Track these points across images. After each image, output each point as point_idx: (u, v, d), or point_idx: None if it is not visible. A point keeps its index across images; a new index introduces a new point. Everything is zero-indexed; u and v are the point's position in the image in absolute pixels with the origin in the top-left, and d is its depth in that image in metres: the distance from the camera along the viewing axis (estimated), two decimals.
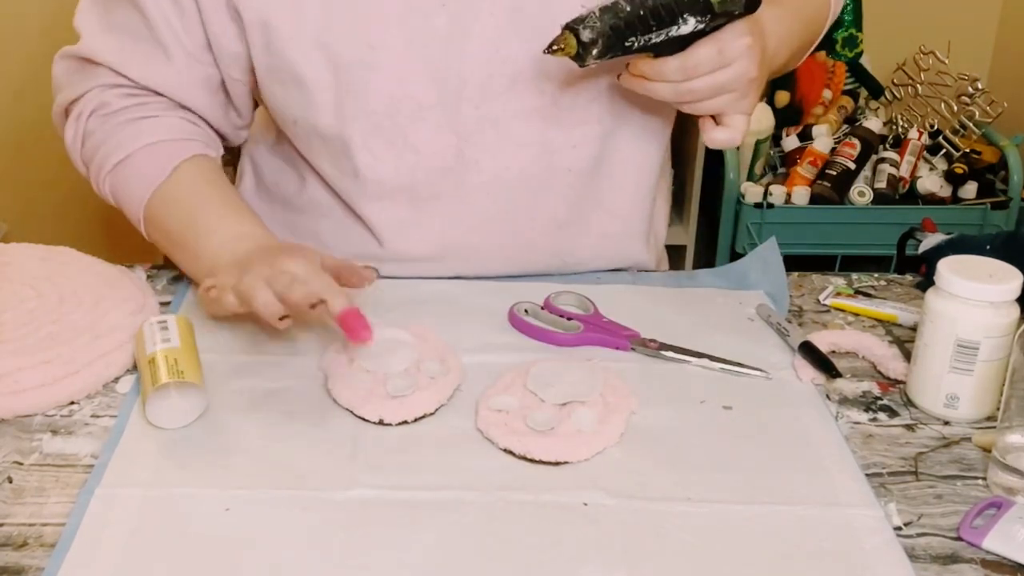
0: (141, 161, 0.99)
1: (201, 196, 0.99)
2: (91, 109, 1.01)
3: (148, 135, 0.99)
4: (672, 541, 0.72)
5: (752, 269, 1.08)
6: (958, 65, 2.41)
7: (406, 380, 0.86)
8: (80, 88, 1.02)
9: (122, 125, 1.00)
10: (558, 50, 0.87)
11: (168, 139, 0.99)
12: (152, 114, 1.00)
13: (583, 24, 0.86)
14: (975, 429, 0.86)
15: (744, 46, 0.89)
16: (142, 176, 0.99)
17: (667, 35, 0.87)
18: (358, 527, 0.73)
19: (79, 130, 1.02)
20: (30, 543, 0.71)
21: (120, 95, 1.00)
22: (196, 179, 0.99)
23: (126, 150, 0.99)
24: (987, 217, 2.26)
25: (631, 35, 0.87)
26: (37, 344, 0.88)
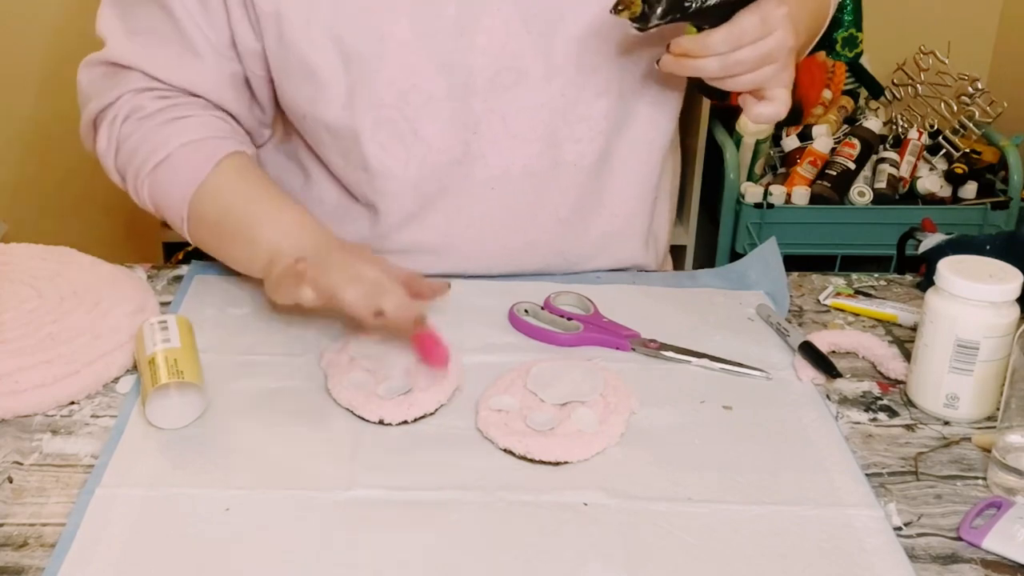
0: (181, 160, 0.98)
1: (250, 187, 0.98)
2: (125, 114, 1.00)
3: (186, 134, 0.98)
4: (672, 541, 0.72)
5: (752, 269, 1.08)
6: (958, 65, 2.41)
7: (406, 380, 0.86)
8: (111, 95, 1.01)
9: (159, 127, 0.99)
10: (623, 10, 0.86)
11: (207, 136, 0.99)
12: (188, 114, 0.99)
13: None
14: (975, 429, 0.86)
15: (783, 15, 0.88)
16: (184, 174, 0.98)
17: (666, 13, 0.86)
18: (358, 527, 0.73)
19: (112, 137, 1.01)
20: (30, 543, 0.71)
21: (154, 98, 1.00)
22: (241, 173, 0.99)
23: (166, 150, 0.98)
24: (987, 217, 2.26)
25: None
26: (37, 344, 0.88)
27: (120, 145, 1.00)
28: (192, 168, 0.97)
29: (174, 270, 1.08)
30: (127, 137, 1.00)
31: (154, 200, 1.00)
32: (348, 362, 0.87)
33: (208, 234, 0.99)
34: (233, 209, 0.97)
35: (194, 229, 0.99)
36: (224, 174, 0.97)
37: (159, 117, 0.99)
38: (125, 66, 1.00)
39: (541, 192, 1.03)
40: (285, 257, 0.89)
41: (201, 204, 0.97)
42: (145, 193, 1.00)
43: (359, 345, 0.89)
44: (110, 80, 1.01)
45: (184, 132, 0.98)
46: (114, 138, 1.00)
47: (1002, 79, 2.56)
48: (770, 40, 0.88)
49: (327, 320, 0.97)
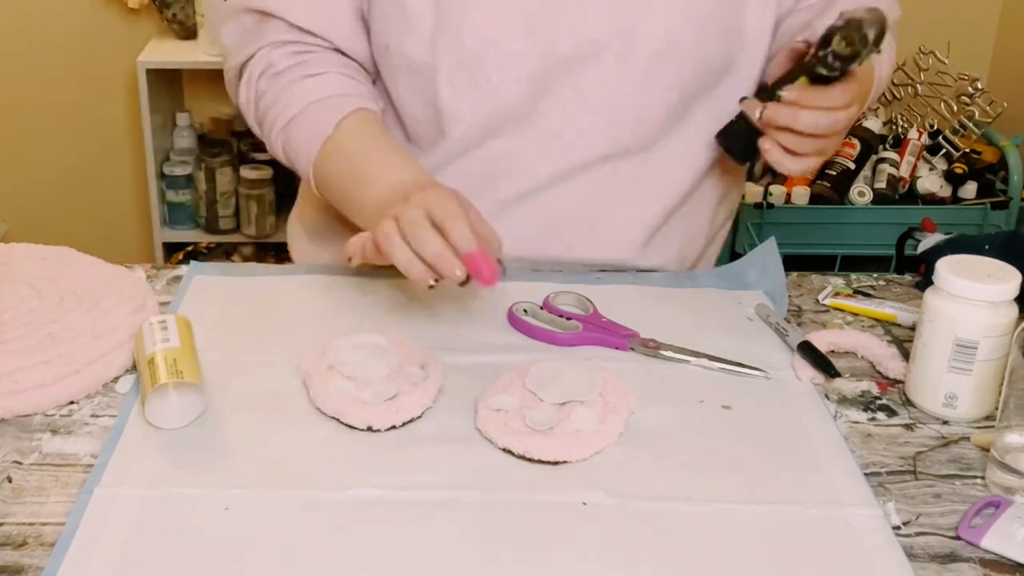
0: (308, 119, 1.03)
1: (365, 147, 1.02)
2: (260, 71, 1.05)
3: (313, 93, 1.03)
4: (671, 541, 0.73)
5: (751, 269, 1.08)
6: (958, 65, 2.42)
7: (388, 386, 0.85)
8: (249, 49, 1.06)
9: (289, 84, 1.04)
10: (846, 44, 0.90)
11: (332, 95, 1.03)
12: (316, 71, 1.03)
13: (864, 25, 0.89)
14: (974, 428, 0.86)
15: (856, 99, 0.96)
16: (309, 133, 1.02)
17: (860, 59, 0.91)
18: (358, 527, 0.73)
19: (251, 93, 1.06)
20: (30, 543, 0.71)
21: (285, 54, 1.04)
22: (360, 132, 1.02)
23: (295, 108, 1.03)
24: (987, 217, 2.26)
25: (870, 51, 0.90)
26: (37, 344, 0.88)
27: (258, 101, 1.06)
28: (316, 128, 1.02)
29: (174, 270, 1.08)
30: (263, 94, 1.05)
31: (287, 155, 1.06)
32: (327, 370, 0.87)
33: (333, 195, 1.04)
34: (348, 171, 1.01)
35: (321, 190, 1.05)
36: (343, 134, 1.02)
37: (289, 75, 1.04)
38: (262, 11, 1.05)
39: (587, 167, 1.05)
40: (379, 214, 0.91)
41: (323, 165, 1.02)
42: (279, 148, 1.06)
43: (337, 352, 0.89)
44: (247, 36, 1.07)
45: (311, 91, 1.03)
46: (252, 94, 1.06)
47: (1002, 79, 2.56)
48: (850, 111, 0.95)
49: (328, 320, 0.97)
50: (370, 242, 0.90)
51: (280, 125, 1.04)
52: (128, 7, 2.56)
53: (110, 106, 2.69)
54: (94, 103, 2.68)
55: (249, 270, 1.10)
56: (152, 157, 2.50)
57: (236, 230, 2.69)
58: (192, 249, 2.74)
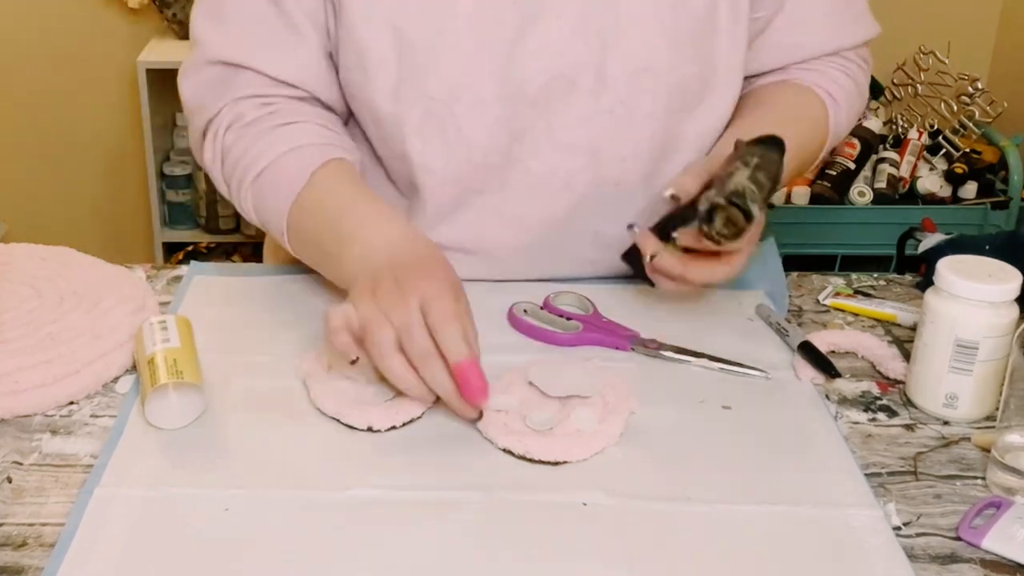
0: (280, 169, 0.96)
1: (343, 200, 0.95)
2: (227, 124, 0.99)
3: (285, 142, 0.96)
4: (672, 541, 0.72)
5: (751, 269, 1.07)
6: (958, 65, 2.42)
7: (389, 386, 0.85)
8: (216, 104, 0.99)
9: (260, 135, 0.97)
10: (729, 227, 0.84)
11: (306, 144, 0.97)
12: (288, 120, 0.98)
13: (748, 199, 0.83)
14: (974, 429, 0.86)
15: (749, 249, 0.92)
16: (282, 185, 0.96)
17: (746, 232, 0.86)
18: (358, 527, 0.73)
19: (217, 149, 1.00)
20: (29, 543, 0.71)
21: (254, 105, 0.98)
22: (337, 183, 0.96)
23: (266, 159, 0.96)
24: (987, 217, 2.26)
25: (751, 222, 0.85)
26: (37, 344, 0.88)
27: (224, 156, 0.99)
28: (289, 179, 0.96)
29: (174, 270, 1.08)
30: (229, 149, 0.99)
31: (258, 212, 0.99)
32: (327, 371, 0.87)
33: (308, 250, 0.98)
34: (326, 224, 0.94)
35: (295, 245, 0.98)
36: (319, 185, 0.95)
37: (259, 125, 0.98)
38: (225, 63, 0.98)
39: (579, 205, 1.02)
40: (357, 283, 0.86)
41: (298, 217, 0.96)
42: (249, 205, 0.99)
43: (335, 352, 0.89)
44: (215, 89, 1.00)
45: (283, 140, 0.97)
46: (218, 150, 1.00)
47: (1002, 79, 2.56)
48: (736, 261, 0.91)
49: None
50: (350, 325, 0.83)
51: (250, 178, 0.97)
52: (128, 7, 2.56)
53: (110, 106, 2.69)
54: (94, 103, 2.68)
55: (249, 270, 1.10)
56: (152, 157, 2.51)
57: (236, 230, 2.69)
58: (192, 249, 2.74)
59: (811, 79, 1.08)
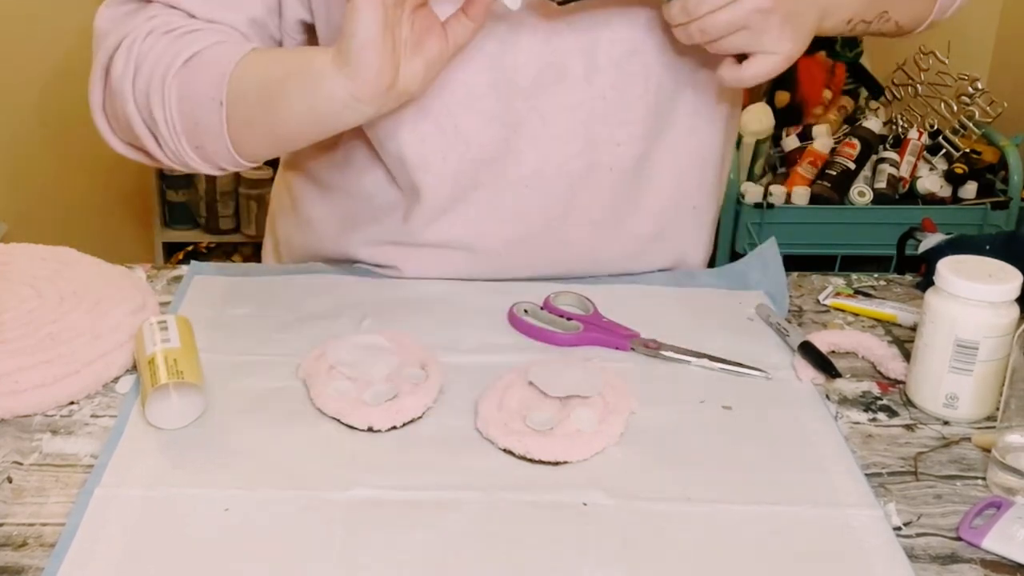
0: (212, 54, 0.90)
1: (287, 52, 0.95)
2: (146, 31, 0.92)
3: (216, 36, 0.92)
4: (672, 541, 0.72)
5: (752, 269, 1.08)
6: (958, 65, 2.42)
7: (389, 386, 0.85)
8: (129, 26, 0.93)
9: (184, 34, 0.92)
10: None
11: (237, 38, 0.94)
12: (213, 25, 0.94)
13: None
14: (975, 429, 0.86)
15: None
16: (217, 62, 0.90)
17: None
18: (358, 527, 0.73)
19: (131, 57, 0.91)
20: (30, 543, 0.71)
21: (180, 15, 0.94)
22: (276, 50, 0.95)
23: (194, 48, 0.90)
24: (987, 217, 2.26)
25: None
26: (37, 344, 0.88)
27: (140, 62, 0.91)
28: (224, 56, 0.90)
29: (174, 270, 1.08)
30: (149, 51, 0.91)
31: (182, 102, 0.90)
32: (327, 371, 0.87)
33: (255, 102, 0.89)
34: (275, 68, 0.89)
35: (233, 113, 0.89)
36: (260, 54, 0.91)
37: (184, 28, 0.92)
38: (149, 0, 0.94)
39: (576, 193, 1.02)
40: None
41: (240, 80, 0.89)
42: (173, 101, 0.90)
43: (336, 352, 0.89)
44: (131, 16, 0.95)
45: (212, 36, 0.92)
46: (132, 60, 0.91)
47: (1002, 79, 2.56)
48: (734, 8, 0.86)
49: (328, 320, 0.97)
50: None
51: (176, 66, 0.89)
52: None
53: None
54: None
55: (249, 270, 1.10)
56: None
57: (236, 230, 2.69)
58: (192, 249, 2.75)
59: None
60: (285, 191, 1.17)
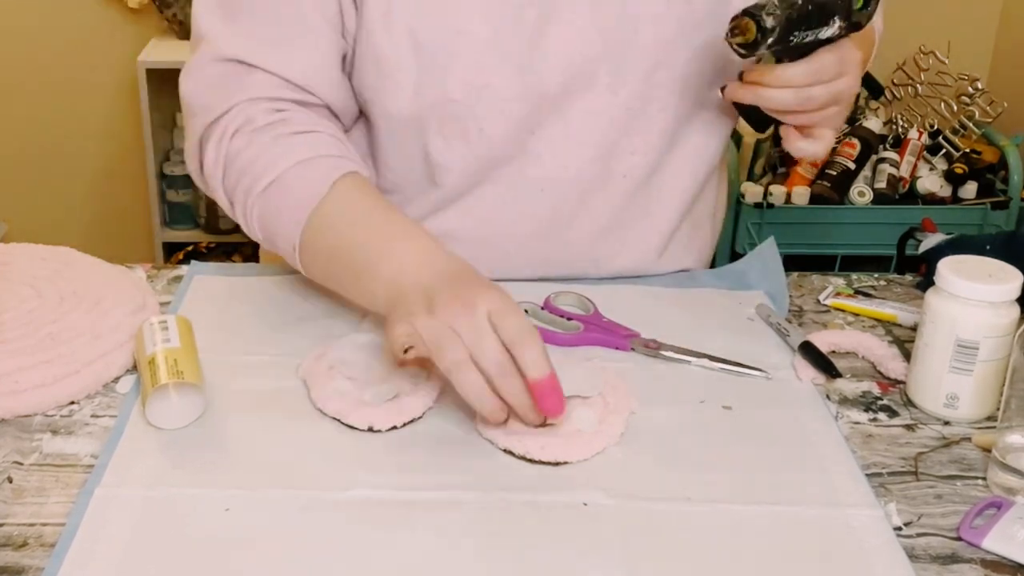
0: (295, 180, 0.90)
1: (368, 213, 0.90)
2: (235, 127, 0.92)
3: (301, 151, 0.91)
4: (672, 541, 0.72)
5: (752, 269, 1.08)
6: (958, 65, 2.42)
7: (390, 385, 0.85)
8: (221, 106, 0.93)
9: (272, 142, 0.91)
10: (739, 35, 0.87)
11: (323, 155, 0.91)
12: (302, 129, 0.92)
13: (764, 11, 0.85)
14: (975, 429, 0.86)
15: (857, 59, 0.92)
16: (297, 197, 0.90)
17: (816, 36, 0.89)
18: (358, 527, 0.73)
19: (220, 153, 0.93)
20: (30, 543, 0.71)
21: (266, 110, 0.93)
22: (359, 196, 0.91)
23: (277, 169, 0.90)
24: (987, 217, 2.26)
25: (798, 28, 0.87)
26: (37, 344, 0.88)
27: (229, 163, 0.93)
28: (306, 191, 0.90)
29: (174, 270, 1.08)
30: (236, 154, 0.92)
31: (264, 226, 0.93)
32: (327, 370, 0.87)
33: (325, 266, 0.91)
34: (352, 239, 0.88)
35: (308, 262, 0.92)
36: (339, 198, 0.90)
37: (272, 131, 0.92)
38: (236, 60, 0.93)
39: (587, 199, 1.03)
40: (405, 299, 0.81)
41: (315, 232, 0.89)
42: (255, 218, 0.92)
43: (337, 352, 0.88)
44: (220, 88, 0.94)
45: (299, 150, 0.91)
46: (222, 155, 0.93)
47: (1002, 79, 2.56)
48: (841, 82, 0.92)
49: (328, 320, 0.97)
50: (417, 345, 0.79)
51: (259, 188, 0.90)
52: (128, 7, 2.56)
53: (110, 106, 2.69)
54: (94, 103, 2.68)
55: (249, 270, 1.10)
56: (152, 157, 2.51)
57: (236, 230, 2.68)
58: (192, 249, 2.74)
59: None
60: None
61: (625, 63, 0.98)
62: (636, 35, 0.98)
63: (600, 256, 1.07)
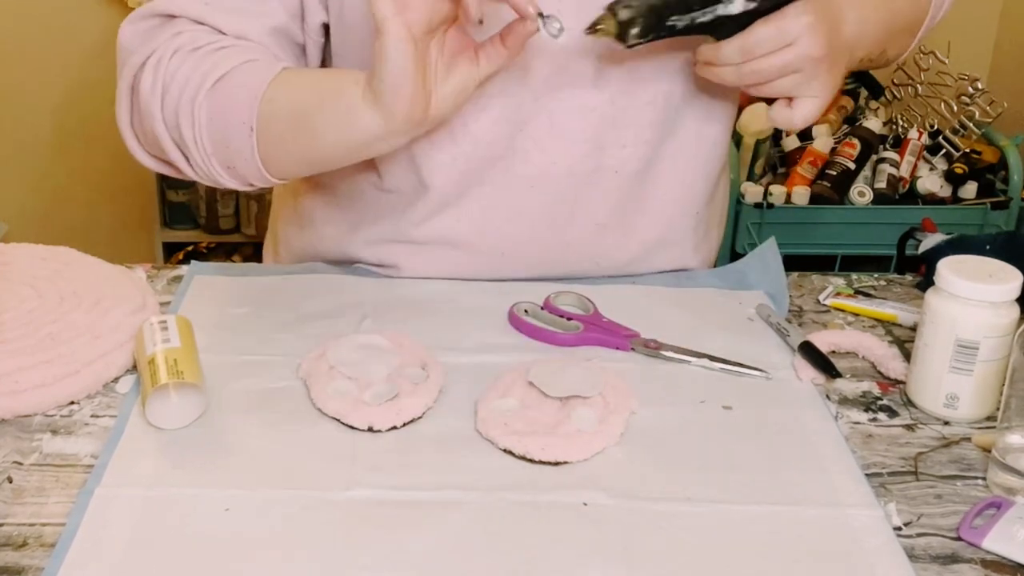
0: (243, 74, 0.90)
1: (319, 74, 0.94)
2: (173, 49, 0.91)
3: (242, 55, 0.91)
4: (672, 541, 0.72)
5: (752, 269, 1.08)
6: (958, 65, 2.42)
7: (389, 386, 0.85)
8: (155, 43, 0.93)
9: (212, 52, 0.91)
10: (600, 30, 0.87)
11: (265, 56, 0.93)
12: (240, 43, 0.93)
13: (620, 3, 0.86)
14: (975, 429, 0.86)
15: (805, 24, 0.88)
16: (249, 82, 0.89)
17: (715, 14, 0.87)
18: (358, 527, 0.73)
19: (159, 78, 0.91)
20: (30, 543, 0.71)
21: (202, 33, 0.93)
22: (307, 72, 0.95)
23: (227, 66, 0.89)
24: (987, 217, 2.26)
25: (672, 14, 0.87)
26: (37, 344, 0.88)
27: (168, 84, 0.91)
28: (255, 77, 0.89)
29: (174, 270, 1.08)
30: (176, 70, 0.91)
31: (212, 122, 0.90)
32: (328, 370, 0.87)
33: (285, 129, 0.89)
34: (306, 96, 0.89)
35: (265, 132, 0.89)
36: (290, 76, 0.90)
37: (211, 46, 0.92)
38: (173, 15, 0.94)
39: (581, 195, 1.03)
40: None
41: (271, 104, 0.88)
42: (203, 122, 0.90)
43: (337, 352, 0.89)
44: (155, 31, 0.95)
45: (242, 52, 0.92)
46: (160, 78, 0.91)
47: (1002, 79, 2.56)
48: (790, 51, 0.89)
49: (328, 320, 0.97)
50: None
51: (207, 86, 0.89)
52: (128, 7, 2.56)
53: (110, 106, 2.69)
54: (94, 103, 2.68)
55: (249, 270, 1.10)
56: None
57: (236, 230, 2.69)
58: (192, 249, 2.75)
59: None
60: (287, 188, 1.17)
61: (609, 54, 0.98)
62: None
63: (599, 253, 1.06)
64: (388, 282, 1.05)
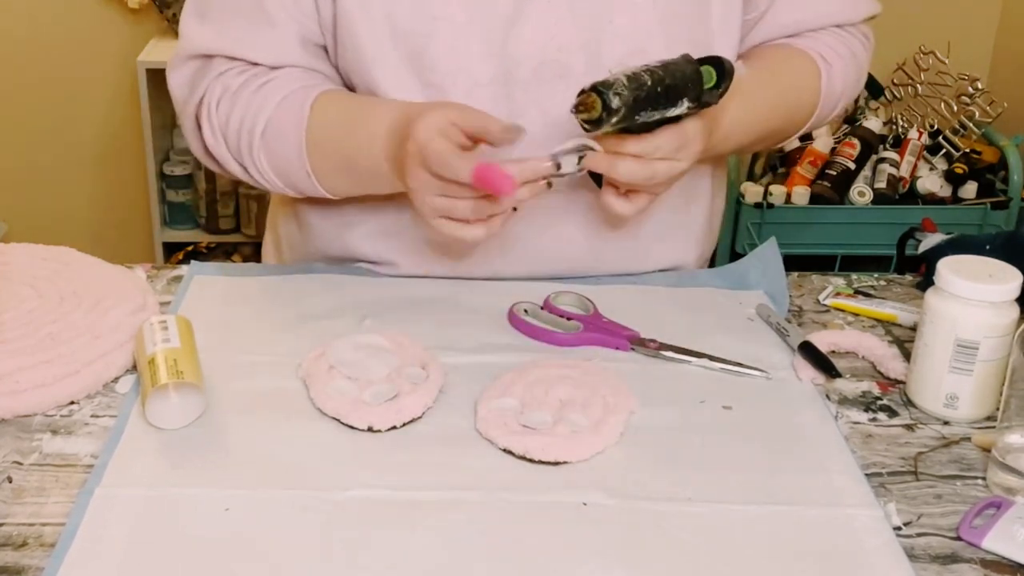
0: (279, 118, 0.99)
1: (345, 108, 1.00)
2: (216, 99, 1.01)
3: (275, 95, 0.99)
4: (672, 541, 0.72)
5: (752, 269, 1.08)
6: (958, 65, 2.42)
7: (389, 386, 0.85)
8: (200, 89, 1.02)
9: (251, 96, 1.00)
10: (583, 112, 0.87)
11: (295, 88, 1.00)
12: (272, 77, 1.00)
13: (612, 90, 0.85)
14: (975, 429, 0.86)
15: (697, 150, 0.93)
16: (288, 129, 0.99)
17: (663, 115, 0.89)
18: (358, 527, 0.73)
19: (216, 126, 1.02)
20: (30, 543, 0.71)
21: (236, 74, 1.01)
22: (336, 99, 1.00)
23: (265, 114, 0.99)
24: (987, 217, 2.26)
25: (644, 110, 0.87)
26: (37, 344, 0.88)
27: (225, 130, 1.01)
28: (291, 121, 0.98)
29: (174, 270, 1.08)
30: (227, 119, 1.01)
31: (275, 169, 1.01)
32: (327, 371, 0.87)
33: (337, 177, 1.00)
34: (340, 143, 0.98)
35: (323, 179, 1.00)
36: (322, 109, 0.99)
37: (246, 89, 1.00)
38: (204, 55, 1.02)
39: (576, 191, 1.03)
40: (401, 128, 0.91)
41: (313, 152, 0.99)
42: (265, 164, 1.01)
43: (337, 352, 0.89)
44: (195, 76, 1.03)
45: (272, 94, 0.99)
46: (216, 126, 1.01)
47: (1002, 79, 2.56)
48: (678, 166, 0.93)
49: (328, 320, 0.97)
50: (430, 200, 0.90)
51: (257, 138, 1.00)
52: (128, 7, 2.56)
53: (110, 106, 2.69)
54: (94, 103, 2.68)
55: (249, 270, 1.10)
56: (152, 157, 2.51)
57: (236, 230, 2.69)
58: (192, 249, 2.74)
59: (804, 44, 1.10)
60: None
61: (601, 50, 0.98)
62: (612, 22, 0.98)
63: (596, 250, 1.06)
64: (388, 282, 1.05)
